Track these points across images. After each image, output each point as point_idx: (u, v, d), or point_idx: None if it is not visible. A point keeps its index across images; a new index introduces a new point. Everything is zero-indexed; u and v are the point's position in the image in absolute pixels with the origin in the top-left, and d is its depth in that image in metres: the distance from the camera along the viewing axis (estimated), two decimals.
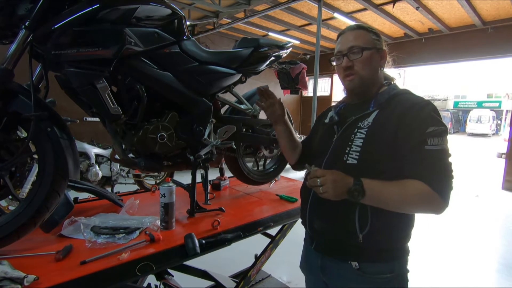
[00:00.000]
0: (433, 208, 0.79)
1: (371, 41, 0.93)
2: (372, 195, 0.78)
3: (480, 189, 5.86)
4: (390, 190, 0.79)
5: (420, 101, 0.85)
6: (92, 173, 3.65)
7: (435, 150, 0.78)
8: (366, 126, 0.88)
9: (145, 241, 1.02)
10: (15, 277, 0.75)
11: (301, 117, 10.47)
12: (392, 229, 0.86)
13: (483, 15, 6.04)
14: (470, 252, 3.12)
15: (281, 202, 1.60)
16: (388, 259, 0.88)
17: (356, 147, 0.87)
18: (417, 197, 0.77)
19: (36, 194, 0.95)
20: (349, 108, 1.00)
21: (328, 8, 5.68)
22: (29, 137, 0.93)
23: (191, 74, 1.27)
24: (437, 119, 0.82)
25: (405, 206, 0.81)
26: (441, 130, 0.80)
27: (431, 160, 0.78)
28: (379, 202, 0.80)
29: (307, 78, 1.93)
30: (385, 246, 0.87)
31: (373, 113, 0.89)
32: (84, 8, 0.98)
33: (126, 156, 1.23)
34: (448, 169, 0.79)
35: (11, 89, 0.94)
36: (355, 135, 0.88)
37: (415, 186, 0.77)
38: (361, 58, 0.91)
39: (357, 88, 0.94)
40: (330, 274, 0.94)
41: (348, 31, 0.95)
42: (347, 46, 0.93)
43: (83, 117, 4.66)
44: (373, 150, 0.85)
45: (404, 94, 0.90)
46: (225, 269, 2.08)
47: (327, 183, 0.77)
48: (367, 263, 0.87)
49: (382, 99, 0.90)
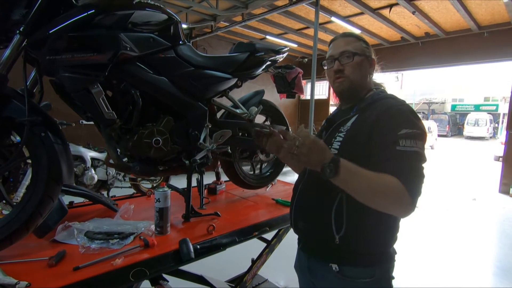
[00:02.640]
0: (401, 206, 0.76)
1: (362, 48, 0.96)
2: (345, 177, 0.75)
3: (477, 192, 5.87)
4: (365, 175, 0.75)
5: (397, 104, 0.87)
6: (88, 176, 3.63)
7: (407, 151, 0.78)
8: (345, 130, 0.91)
9: (140, 247, 1.02)
10: (7, 283, 0.74)
11: (298, 120, 10.50)
12: (370, 232, 0.86)
13: (478, 20, 6.10)
14: (467, 255, 3.12)
15: (277, 207, 1.59)
16: (368, 263, 0.87)
17: (334, 150, 0.89)
18: (389, 188, 0.74)
19: (29, 199, 0.94)
20: (338, 113, 1.04)
21: (325, 12, 5.72)
22: (22, 142, 0.93)
23: (186, 78, 1.28)
24: (412, 121, 0.81)
25: (375, 196, 0.76)
26: (415, 133, 0.79)
27: (402, 160, 0.77)
28: (351, 184, 0.76)
29: (304, 82, 1.94)
30: (362, 249, 0.87)
31: (353, 117, 0.92)
32: (80, 13, 0.98)
33: (121, 160, 1.22)
34: (419, 172, 0.78)
35: (5, 94, 0.94)
36: (335, 139, 0.92)
37: (389, 178, 0.75)
38: (352, 63, 0.94)
39: (346, 91, 0.97)
40: (315, 275, 0.96)
41: (340, 38, 1.00)
42: (339, 51, 0.96)
43: (79, 120, 4.64)
44: (349, 152, 0.85)
45: (385, 99, 0.91)
46: (222, 273, 2.06)
47: (305, 144, 0.74)
48: (346, 266, 0.87)
49: (364, 104, 0.93)
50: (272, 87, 1.89)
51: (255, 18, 5.92)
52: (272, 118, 1.87)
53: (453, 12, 5.70)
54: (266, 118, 1.87)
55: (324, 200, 0.83)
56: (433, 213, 4.47)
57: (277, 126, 1.75)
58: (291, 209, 1.02)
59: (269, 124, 1.79)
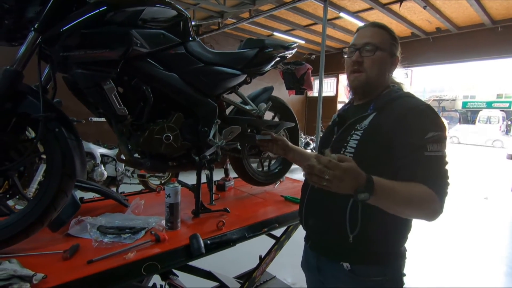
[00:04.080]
0: (431, 212, 0.76)
1: (388, 43, 0.91)
2: (381, 194, 0.70)
3: (489, 191, 5.76)
4: (399, 190, 0.73)
5: (419, 104, 0.84)
6: (98, 173, 3.69)
7: (435, 156, 0.77)
8: (362, 128, 0.87)
9: (151, 241, 1.03)
10: (24, 275, 0.76)
11: (306, 118, 10.43)
12: (384, 231, 0.85)
13: (492, 14, 5.93)
14: (478, 254, 3.07)
15: (286, 203, 1.59)
16: (380, 262, 0.86)
17: (350, 148, 0.86)
18: (423, 200, 0.74)
19: (44, 193, 0.96)
20: (351, 109, 1.00)
21: (334, 7, 5.65)
22: (37, 137, 0.95)
23: (196, 75, 1.28)
24: (436, 123, 0.81)
25: (409, 208, 0.76)
26: (440, 136, 0.79)
27: (431, 166, 0.77)
28: (387, 202, 0.73)
29: (312, 79, 1.92)
30: (376, 248, 0.85)
31: (371, 115, 0.88)
32: (91, 10, 0.99)
33: (132, 156, 1.24)
34: (446, 176, 0.78)
35: (20, 91, 0.96)
36: (351, 137, 0.87)
37: (420, 189, 0.74)
38: (372, 57, 0.89)
39: (361, 87, 0.93)
40: (324, 273, 0.95)
41: (368, 27, 0.94)
42: (362, 41, 0.91)
43: (88, 118, 4.72)
44: (367, 152, 0.83)
45: (404, 98, 0.88)
46: (229, 269, 2.07)
47: (336, 179, 0.66)
48: (358, 265, 0.86)
49: (381, 102, 0.89)
50: (279, 83, 1.88)
51: (263, 14, 5.89)
52: (281, 115, 1.86)
53: (466, 6, 5.55)
54: (275, 114, 1.86)
55: (338, 198, 0.79)
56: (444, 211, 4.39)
57: (286, 123, 1.74)
58: (301, 205, 1.01)
59: (277, 121, 1.78)
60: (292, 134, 1.86)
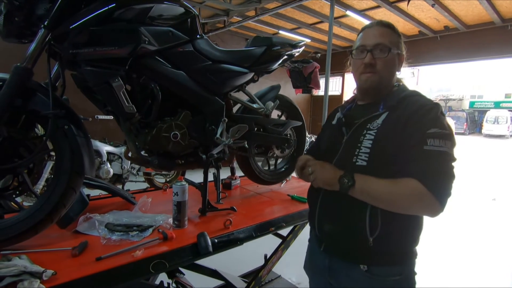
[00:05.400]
0: (425, 208, 0.77)
1: (396, 42, 0.91)
2: (361, 186, 0.79)
3: (497, 192, 5.67)
4: (381, 185, 0.78)
5: (427, 103, 0.85)
6: (104, 170, 3.70)
7: (435, 151, 0.76)
8: (375, 127, 0.86)
9: (158, 239, 1.03)
10: (35, 271, 0.76)
11: (311, 117, 10.38)
12: (403, 232, 0.85)
13: (502, 12, 5.83)
14: (486, 256, 3.02)
15: (293, 202, 1.58)
16: (398, 262, 0.87)
17: (365, 148, 0.85)
18: (408, 194, 0.76)
19: (53, 190, 0.97)
20: (356, 109, 0.98)
21: (341, 5, 5.60)
22: (47, 134, 0.95)
23: (204, 73, 1.27)
24: (441, 122, 0.81)
25: (396, 203, 0.78)
26: (444, 133, 0.78)
27: (429, 160, 0.76)
28: (369, 195, 0.80)
29: (319, 77, 1.90)
30: (395, 249, 0.86)
31: (383, 114, 0.88)
32: (101, 7, 0.99)
33: (140, 154, 1.24)
34: (448, 172, 0.77)
35: (30, 88, 0.96)
36: (364, 137, 0.87)
37: (407, 184, 0.76)
38: (386, 58, 0.88)
39: (373, 88, 0.92)
40: (337, 275, 0.93)
41: (376, 26, 0.92)
42: (373, 42, 0.89)
43: (95, 115, 4.75)
44: (383, 151, 0.83)
45: (414, 96, 0.89)
46: (234, 268, 2.07)
47: (317, 169, 0.85)
48: (375, 266, 0.86)
49: (392, 101, 0.88)
50: (285, 81, 1.86)
51: (268, 12, 5.87)
52: (288, 114, 1.84)
53: (475, 4, 5.46)
54: (282, 113, 1.85)
55: (356, 202, 0.81)
56: (451, 213, 4.34)
57: (292, 122, 1.73)
58: (313, 211, 0.98)
59: (284, 119, 1.77)
60: (298, 133, 1.84)
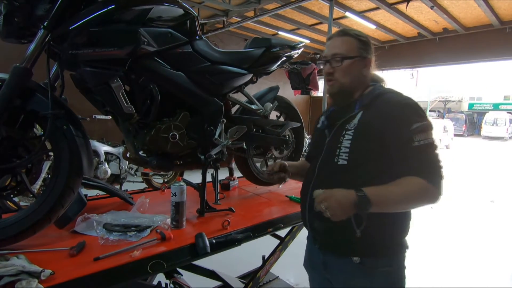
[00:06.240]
0: (430, 200, 0.83)
1: (356, 49, 0.95)
2: (378, 201, 0.80)
3: (495, 194, 5.68)
4: (393, 192, 0.82)
5: (401, 99, 0.89)
6: (101, 170, 3.69)
7: (423, 145, 0.83)
8: (352, 127, 0.91)
9: (156, 240, 1.03)
10: (32, 271, 0.77)
11: (310, 118, 10.40)
12: (388, 223, 0.89)
13: (501, 15, 5.86)
14: (485, 258, 3.03)
15: (291, 203, 1.58)
16: (388, 252, 0.91)
17: (344, 148, 0.90)
18: (418, 192, 0.82)
19: (51, 190, 0.97)
20: (337, 111, 1.03)
21: (340, 7, 5.61)
22: (46, 134, 0.96)
23: (203, 74, 1.28)
24: (419, 114, 0.86)
25: (409, 204, 0.85)
26: (424, 125, 0.84)
27: (420, 155, 0.83)
28: (387, 206, 0.83)
29: (318, 78, 1.91)
30: (383, 239, 0.90)
31: (358, 114, 0.93)
32: (100, 8, 1.00)
33: (138, 154, 1.24)
34: (436, 160, 0.84)
35: (29, 88, 0.97)
36: (343, 137, 0.92)
37: (413, 182, 0.81)
38: (341, 67, 0.94)
39: (336, 94, 0.99)
40: (332, 269, 0.97)
41: (336, 37, 0.98)
42: (331, 53, 0.96)
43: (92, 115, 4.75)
44: (361, 149, 0.88)
45: (386, 94, 0.93)
46: (231, 269, 2.07)
47: (332, 205, 0.79)
48: (367, 258, 0.90)
49: (365, 100, 0.94)
50: (283, 83, 1.87)
51: (268, 13, 5.88)
52: (287, 115, 1.85)
53: (474, 6, 5.49)
54: (281, 114, 1.86)
55: None
56: (449, 214, 4.35)
57: (291, 123, 1.74)
58: (304, 209, 1.01)
59: (282, 121, 1.77)
60: (297, 134, 1.85)
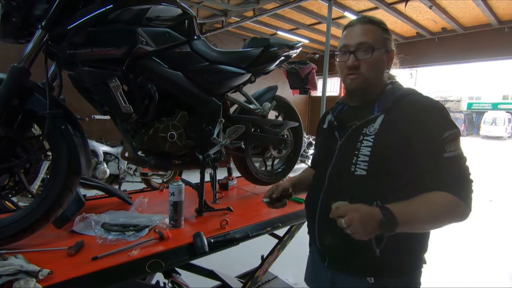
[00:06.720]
0: (460, 217, 0.75)
1: (382, 39, 0.84)
2: (405, 221, 0.70)
3: (494, 193, 5.70)
4: (422, 209, 0.72)
5: (429, 102, 0.80)
6: (100, 170, 3.69)
7: (454, 156, 0.75)
8: (372, 132, 0.80)
9: (155, 239, 1.03)
10: (31, 270, 0.77)
11: (309, 118, 10.41)
12: (410, 240, 0.80)
13: (499, 14, 5.87)
14: (483, 258, 3.04)
15: (289, 203, 1.57)
16: (405, 271, 0.83)
17: (364, 156, 0.80)
18: (448, 210, 0.73)
19: (49, 190, 0.97)
20: (349, 111, 0.92)
21: (338, 6, 5.63)
22: (44, 134, 0.96)
23: (201, 73, 1.28)
24: (450, 121, 0.78)
25: (438, 223, 0.75)
26: (455, 133, 0.76)
27: (451, 168, 0.75)
28: (413, 226, 0.74)
29: (316, 78, 1.92)
30: (403, 258, 0.81)
31: (379, 117, 0.81)
32: (98, 8, 1.00)
33: (136, 154, 1.24)
34: (467, 174, 0.77)
35: (27, 88, 0.97)
36: (361, 143, 0.81)
37: (443, 199, 0.73)
38: (370, 59, 0.82)
39: (359, 90, 0.86)
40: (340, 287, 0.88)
41: (358, 24, 0.85)
42: (355, 42, 0.83)
43: (91, 115, 4.74)
44: (383, 158, 0.78)
45: (411, 95, 0.83)
46: (230, 269, 2.08)
47: (354, 223, 0.68)
48: (383, 278, 0.81)
49: (387, 102, 0.82)
50: (282, 82, 1.87)
51: (267, 13, 5.88)
52: (285, 115, 1.85)
53: (472, 6, 5.50)
54: (279, 114, 1.86)
55: None
56: None
57: (289, 123, 1.74)
58: (313, 222, 0.91)
59: (281, 120, 1.78)
60: (296, 133, 1.85)
